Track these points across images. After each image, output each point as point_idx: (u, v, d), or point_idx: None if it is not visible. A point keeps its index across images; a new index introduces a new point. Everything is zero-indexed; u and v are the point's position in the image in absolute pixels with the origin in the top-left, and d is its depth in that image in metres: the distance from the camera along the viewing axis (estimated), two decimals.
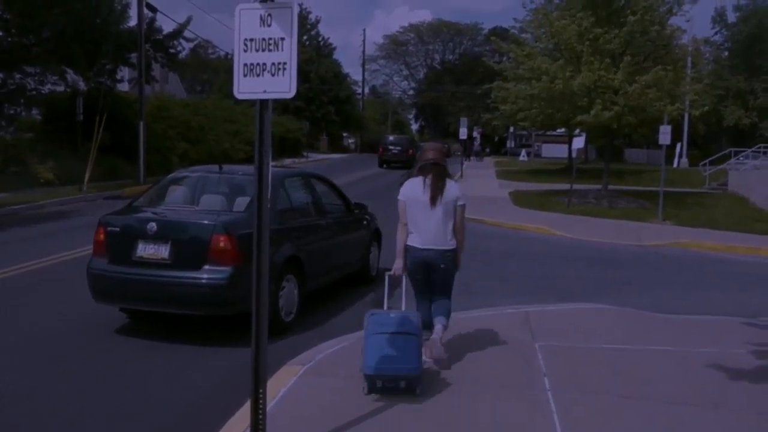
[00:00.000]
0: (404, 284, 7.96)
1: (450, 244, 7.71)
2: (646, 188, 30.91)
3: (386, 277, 7.78)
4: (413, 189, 7.78)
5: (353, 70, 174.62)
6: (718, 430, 6.36)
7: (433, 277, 7.79)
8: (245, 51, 5.20)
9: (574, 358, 8.19)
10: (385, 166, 49.71)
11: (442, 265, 7.72)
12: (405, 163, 46.83)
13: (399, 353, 6.78)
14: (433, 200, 7.64)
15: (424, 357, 7.16)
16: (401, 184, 8.13)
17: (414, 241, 7.70)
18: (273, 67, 5.12)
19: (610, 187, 28.97)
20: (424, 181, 7.73)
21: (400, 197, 7.84)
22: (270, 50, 5.12)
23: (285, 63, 5.10)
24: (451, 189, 7.75)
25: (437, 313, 7.81)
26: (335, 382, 7.27)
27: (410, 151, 49.56)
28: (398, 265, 7.77)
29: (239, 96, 5.26)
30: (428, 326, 7.69)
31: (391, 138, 55.42)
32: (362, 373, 6.86)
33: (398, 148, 51.73)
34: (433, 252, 7.65)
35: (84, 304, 9.79)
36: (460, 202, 7.75)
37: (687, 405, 6.86)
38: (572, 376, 7.56)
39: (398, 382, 6.82)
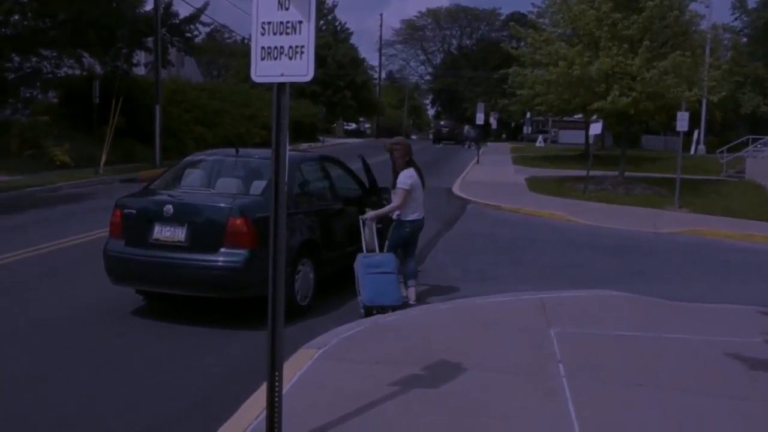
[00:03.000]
0: (374, 230, 10.14)
1: None
2: (662, 175, 30.72)
3: (360, 221, 10.07)
4: (415, 178, 9.95)
5: (370, 55, 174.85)
6: (732, 420, 6.33)
7: (415, 240, 10.32)
8: (263, 34, 5.19)
9: (588, 345, 8.18)
10: (438, 142, 68.07)
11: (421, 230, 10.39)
12: (453, 139, 67.44)
13: (386, 289, 9.37)
14: (424, 184, 10.19)
15: (411, 299, 9.97)
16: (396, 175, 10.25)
17: (416, 215, 10.02)
18: (291, 51, 5.10)
19: (627, 173, 28.83)
20: (416, 171, 10.03)
21: (406, 187, 9.83)
22: (288, 33, 5.10)
23: (303, 46, 5.08)
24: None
25: (412, 276, 10.18)
26: (351, 366, 7.30)
27: (455, 131, 70.33)
28: (371, 216, 10.06)
29: (257, 79, 5.25)
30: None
31: (442, 122, 78.03)
32: (361, 303, 9.41)
33: (447, 128, 71.76)
34: (423, 221, 10.24)
35: (99, 287, 9.84)
36: None
37: (701, 394, 6.85)
38: (586, 363, 7.55)
39: (387, 310, 9.34)
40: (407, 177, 9.91)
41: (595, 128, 26.40)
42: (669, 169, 29.88)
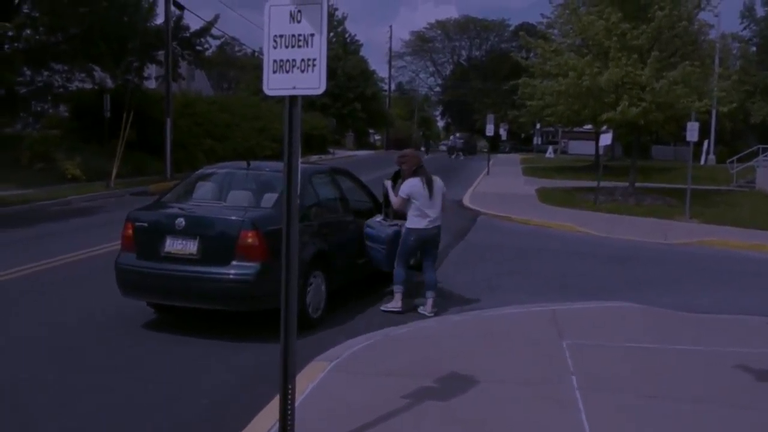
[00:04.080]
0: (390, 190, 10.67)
1: (440, 221, 10.36)
2: (672, 185, 30.67)
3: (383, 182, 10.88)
4: (415, 187, 10.11)
5: (379, 67, 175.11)
6: (745, 431, 6.32)
7: (429, 248, 10.43)
8: (275, 47, 5.22)
9: (601, 357, 8.16)
10: (453, 154, 70.08)
11: (437, 239, 10.52)
12: (467, 151, 71.11)
13: (374, 258, 10.66)
14: (431, 192, 10.16)
15: (427, 310, 10.25)
16: (397, 183, 10.68)
17: (420, 224, 10.11)
18: (302, 64, 5.12)
19: (637, 184, 28.79)
20: (422, 180, 10.14)
21: (404, 195, 10.15)
22: (300, 46, 5.13)
23: (315, 59, 5.10)
24: (437, 181, 10.35)
25: (430, 287, 10.38)
26: (362, 379, 7.29)
27: (469, 143, 75.52)
28: (388, 185, 10.68)
29: (269, 92, 5.27)
30: (404, 282, 10.39)
31: (457, 134, 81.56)
32: None
33: (462, 141, 74.40)
34: (435, 229, 10.28)
35: (111, 299, 9.86)
36: (444, 190, 10.45)
37: (714, 405, 6.82)
38: (600, 375, 7.53)
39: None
40: (406, 185, 10.18)
41: (605, 139, 26.36)
42: (679, 180, 29.84)
